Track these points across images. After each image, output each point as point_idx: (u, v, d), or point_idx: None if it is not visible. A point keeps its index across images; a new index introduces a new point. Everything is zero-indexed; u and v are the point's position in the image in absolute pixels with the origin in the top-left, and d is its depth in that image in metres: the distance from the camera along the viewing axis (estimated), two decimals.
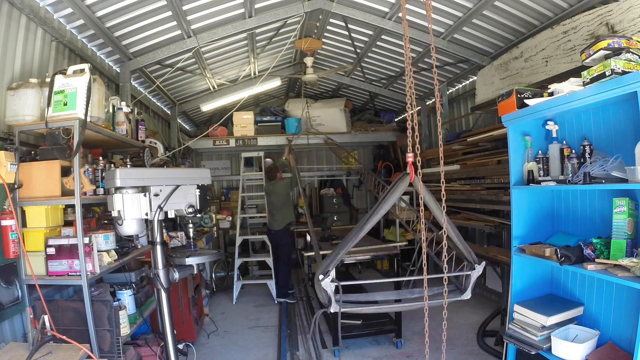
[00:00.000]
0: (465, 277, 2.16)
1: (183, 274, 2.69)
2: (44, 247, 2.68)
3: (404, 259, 6.21)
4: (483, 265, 2.15)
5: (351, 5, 5.01)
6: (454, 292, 2.22)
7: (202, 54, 5.36)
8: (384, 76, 6.99)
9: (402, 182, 1.98)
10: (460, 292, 2.19)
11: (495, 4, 4.16)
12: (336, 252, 2.10)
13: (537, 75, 4.03)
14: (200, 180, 2.60)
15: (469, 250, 2.19)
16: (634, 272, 2.10)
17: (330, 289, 2.01)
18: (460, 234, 2.19)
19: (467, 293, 2.14)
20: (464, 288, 2.17)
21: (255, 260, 7.29)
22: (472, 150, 5.48)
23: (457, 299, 2.17)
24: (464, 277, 2.17)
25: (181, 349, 3.70)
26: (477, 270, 2.14)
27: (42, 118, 2.75)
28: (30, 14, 3.11)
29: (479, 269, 2.14)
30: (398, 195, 2.01)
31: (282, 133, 7.57)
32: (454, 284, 2.27)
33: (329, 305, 2.06)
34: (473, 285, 2.14)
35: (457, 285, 2.25)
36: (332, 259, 2.08)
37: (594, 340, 2.52)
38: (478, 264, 2.16)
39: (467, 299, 2.22)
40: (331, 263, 2.05)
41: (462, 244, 2.18)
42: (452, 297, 2.16)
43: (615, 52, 2.24)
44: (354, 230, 2.12)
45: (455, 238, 2.15)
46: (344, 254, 2.10)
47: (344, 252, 2.08)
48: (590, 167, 2.38)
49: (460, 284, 2.22)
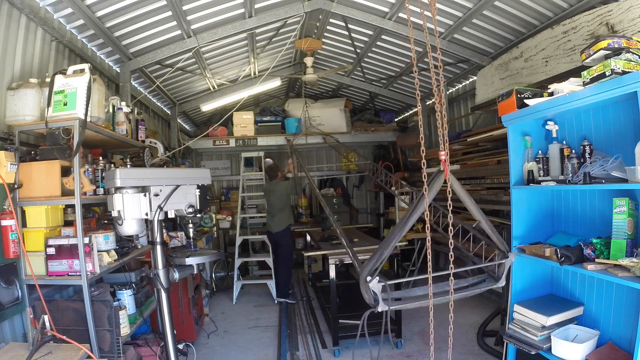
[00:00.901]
0: (498, 265, 2.29)
1: (183, 274, 2.68)
2: (44, 247, 2.68)
3: (404, 259, 6.22)
4: (515, 253, 2.31)
5: (351, 5, 5.01)
6: (489, 280, 2.33)
7: (202, 54, 5.37)
8: (384, 76, 6.99)
9: (438, 179, 2.03)
10: (494, 280, 2.30)
11: (495, 4, 4.16)
12: (380, 251, 2.13)
13: (537, 75, 4.03)
14: (200, 180, 2.60)
15: (501, 241, 2.31)
16: (634, 272, 2.10)
17: (378, 289, 2.05)
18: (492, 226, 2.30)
19: (502, 280, 2.27)
20: (497, 277, 2.29)
21: (255, 260, 7.29)
22: (472, 150, 5.48)
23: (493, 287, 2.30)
24: (496, 266, 2.30)
25: (181, 349, 3.70)
26: (510, 259, 2.26)
27: (42, 118, 2.75)
28: (30, 14, 3.11)
29: (511, 257, 2.27)
30: (435, 192, 2.07)
31: (282, 133, 7.57)
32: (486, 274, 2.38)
33: (376, 305, 2.10)
34: (506, 272, 2.28)
35: (490, 274, 2.35)
36: (375, 259, 2.12)
37: (594, 340, 2.52)
38: (510, 252, 2.28)
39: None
40: (376, 264, 2.10)
41: (495, 235, 2.28)
42: (487, 286, 2.29)
43: (615, 52, 2.24)
44: (396, 229, 2.18)
45: (489, 229, 2.25)
46: (388, 253, 2.16)
47: (389, 252, 2.13)
48: (590, 167, 2.38)
49: (493, 272, 2.33)
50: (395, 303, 2.19)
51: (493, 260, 2.31)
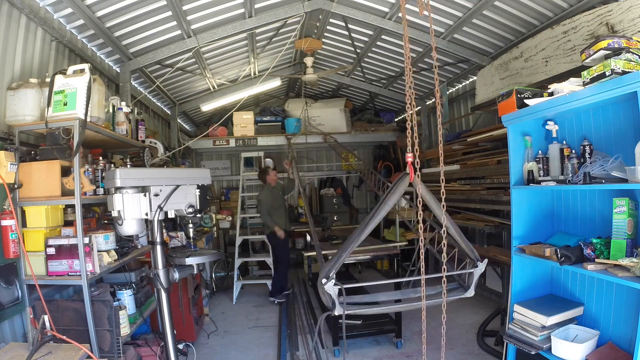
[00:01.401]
0: (468, 274, 2.19)
1: (183, 274, 2.68)
2: (44, 247, 2.68)
3: (404, 259, 6.22)
4: (485, 263, 2.17)
5: (351, 5, 5.01)
6: (457, 289, 2.24)
7: (202, 54, 5.37)
8: (384, 76, 6.99)
9: (402, 183, 1.98)
10: (463, 289, 2.21)
11: (495, 4, 4.16)
12: (338, 255, 2.10)
13: (537, 75, 4.03)
14: (200, 180, 2.60)
15: (471, 248, 2.21)
16: (634, 272, 2.10)
17: (334, 292, 2.01)
18: (461, 232, 2.21)
19: (471, 290, 2.17)
20: (467, 286, 2.20)
21: (255, 260, 7.29)
22: (472, 150, 5.48)
23: (460, 297, 2.20)
24: (466, 275, 2.19)
25: (181, 349, 3.69)
26: (479, 268, 2.16)
27: (42, 118, 2.75)
28: (30, 14, 3.11)
29: (481, 267, 2.16)
30: (398, 195, 2.01)
31: (282, 133, 7.57)
32: (457, 282, 2.29)
33: (333, 308, 2.05)
34: (476, 282, 2.17)
35: (460, 283, 2.27)
36: (334, 262, 2.07)
37: (594, 340, 2.52)
38: (480, 261, 2.17)
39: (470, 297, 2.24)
40: (334, 266, 2.05)
41: (464, 242, 2.19)
42: (455, 295, 2.19)
43: (615, 52, 2.23)
44: (356, 232, 2.12)
45: (457, 236, 2.16)
46: (346, 256, 2.10)
47: (346, 254, 2.08)
48: (590, 167, 2.38)
49: (463, 282, 2.24)
50: (352, 307, 2.14)
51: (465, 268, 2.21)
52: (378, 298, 2.32)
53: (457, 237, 2.16)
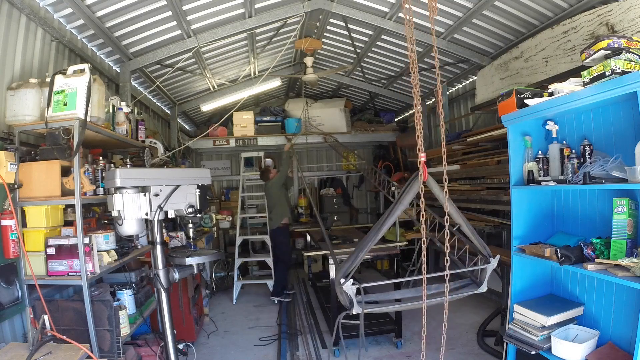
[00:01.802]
0: (480, 270, 2.22)
1: (183, 274, 2.68)
2: (44, 247, 2.68)
3: (404, 259, 6.22)
4: (498, 259, 2.19)
5: (351, 5, 5.01)
6: (470, 285, 2.27)
7: (202, 54, 5.37)
8: (384, 76, 6.99)
9: (416, 182, 1.99)
10: (476, 285, 2.24)
11: (495, 4, 4.16)
12: (355, 254, 2.11)
13: (537, 75, 4.03)
14: (200, 180, 2.60)
15: (483, 245, 2.24)
16: (634, 272, 2.10)
17: (352, 291, 2.02)
18: (474, 230, 2.24)
19: (484, 286, 2.20)
20: (479, 282, 2.23)
21: (255, 260, 7.29)
22: (472, 150, 5.47)
23: (474, 292, 2.23)
24: (479, 271, 2.23)
25: (181, 349, 3.70)
26: (492, 264, 2.18)
27: (42, 118, 2.75)
28: (30, 14, 3.11)
29: (493, 262, 2.19)
30: (412, 195, 2.01)
31: (282, 133, 7.58)
32: (469, 278, 2.32)
33: (351, 307, 2.06)
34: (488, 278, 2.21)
35: (472, 279, 2.30)
36: (351, 261, 2.10)
37: (594, 340, 2.52)
38: (492, 257, 2.20)
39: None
40: (351, 266, 2.07)
41: (477, 239, 2.22)
42: (469, 291, 2.22)
43: (615, 52, 2.23)
44: (372, 232, 2.14)
45: (470, 233, 2.19)
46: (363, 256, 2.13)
47: (363, 254, 2.10)
48: (590, 167, 2.38)
49: (475, 278, 2.28)
50: (370, 306, 2.16)
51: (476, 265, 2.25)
52: (395, 296, 2.33)
53: (470, 234, 2.20)
